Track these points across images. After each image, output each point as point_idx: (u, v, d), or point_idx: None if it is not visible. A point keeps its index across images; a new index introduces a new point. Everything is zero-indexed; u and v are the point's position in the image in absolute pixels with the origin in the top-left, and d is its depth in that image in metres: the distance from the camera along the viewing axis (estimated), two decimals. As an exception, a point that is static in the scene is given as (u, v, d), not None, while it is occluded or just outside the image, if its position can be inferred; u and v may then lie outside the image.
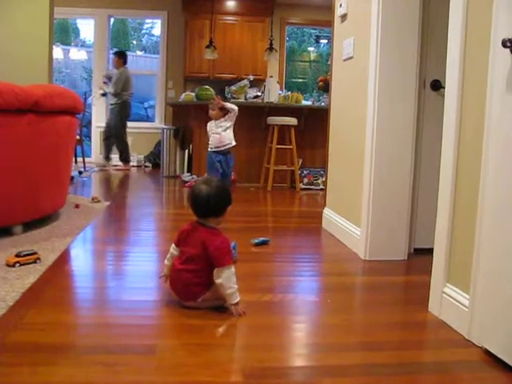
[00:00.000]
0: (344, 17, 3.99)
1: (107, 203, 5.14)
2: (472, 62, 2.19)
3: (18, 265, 2.80)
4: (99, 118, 10.11)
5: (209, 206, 2.32)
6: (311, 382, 1.78)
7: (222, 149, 5.17)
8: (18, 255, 2.86)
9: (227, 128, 5.20)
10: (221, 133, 5.22)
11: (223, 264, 2.24)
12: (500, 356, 1.88)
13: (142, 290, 2.63)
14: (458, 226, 2.27)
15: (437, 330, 2.23)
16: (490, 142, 1.98)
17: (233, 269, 2.26)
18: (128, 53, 12.07)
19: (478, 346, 2.03)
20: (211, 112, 5.10)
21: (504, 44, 1.82)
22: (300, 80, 12.15)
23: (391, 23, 3.22)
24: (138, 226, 4.43)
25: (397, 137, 3.30)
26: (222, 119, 5.22)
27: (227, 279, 2.23)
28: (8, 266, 2.80)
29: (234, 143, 5.17)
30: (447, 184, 2.31)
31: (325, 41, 12.24)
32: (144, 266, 3.13)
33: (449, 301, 2.27)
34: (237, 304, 2.25)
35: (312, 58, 12.74)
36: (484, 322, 2.00)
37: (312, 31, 12.44)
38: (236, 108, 5.07)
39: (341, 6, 4.00)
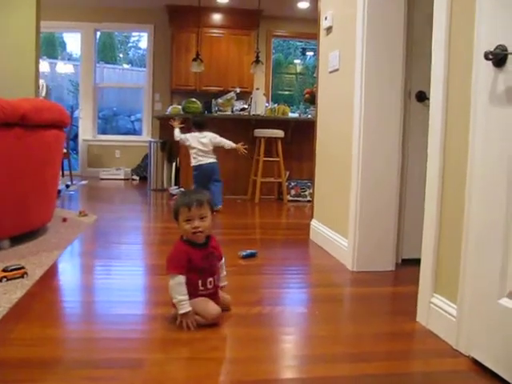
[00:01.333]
0: (329, 29, 4.02)
1: (95, 217, 5.12)
2: (456, 74, 2.21)
3: (4, 280, 2.78)
4: (86, 131, 10.10)
5: None
6: (300, 393, 1.78)
7: None
8: (4, 270, 2.84)
9: None
10: None
11: (167, 272, 2.28)
12: (487, 365, 1.90)
13: (129, 303, 2.63)
14: (445, 236, 2.29)
15: (424, 340, 2.24)
16: (476, 153, 2.00)
17: (177, 279, 2.23)
18: (115, 66, 12.12)
19: (465, 356, 2.04)
20: None
21: (486, 56, 1.84)
22: (286, 92, 12.20)
23: (376, 35, 3.26)
24: (126, 239, 4.41)
25: (383, 148, 3.32)
26: None
27: (170, 288, 2.25)
28: (-5, 280, 2.78)
29: None
30: (433, 194, 2.33)
31: (311, 53, 12.32)
32: (132, 279, 3.12)
33: (436, 311, 2.28)
34: (183, 315, 2.22)
35: (298, 71, 12.80)
36: (471, 331, 2.02)
37: (298, 44, 12.52)
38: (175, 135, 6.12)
39: (326, 18, 4.03)
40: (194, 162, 5.96)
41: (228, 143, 6.06)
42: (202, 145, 5.91)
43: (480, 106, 1.97)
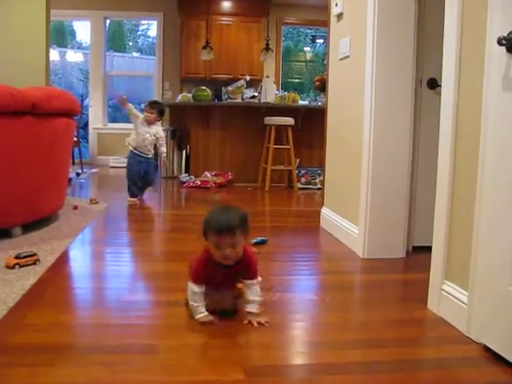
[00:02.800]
0: (340, 16, 4.00)
1: (105, 204, 5.14)
2: (468, 60, 2.20)
3: (17, 266, 2.81)
4: (96, 119, 10.12)
5: None
6: (311, 379, 1.79)
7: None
8: (17, 257, 2.86)
9: None
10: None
11: (189, 276, 2.21)
12: (498, 352, 1.90)
13: (140, 290, 2.65)
14: (456, 223, 2.28)
15: (435, 327, 2.24)
16: (487, 140, 1.99)
17: (196, 288, 2.15)
18: (124, 54, 12.11)
19: (476, 342, 2.04)
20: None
21: (499, 42, 1.83)
22: (296, 80, 12.16)
23: (387, 22, 3.23)
24: (137, 226, 4.43)
25: (394, 135, 3.31)
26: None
27: (189, 292, 2.19)
28: (8, 267, 2.80)
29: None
30: (444, 181, 2.32)
31: (321, 40, 12.27)
32: (143, 266, 3.14)
33: (447, 298, 2.28)
34: (199, 319, 2.16)
35: (308, 58, 12.75)
36: (482, 318, 2.01)
37: (308, 31, 12.47)
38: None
39: (336, 5, 4.00)
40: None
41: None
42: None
43: (492, 92, 1.95)
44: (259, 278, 2.25)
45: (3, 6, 5.64)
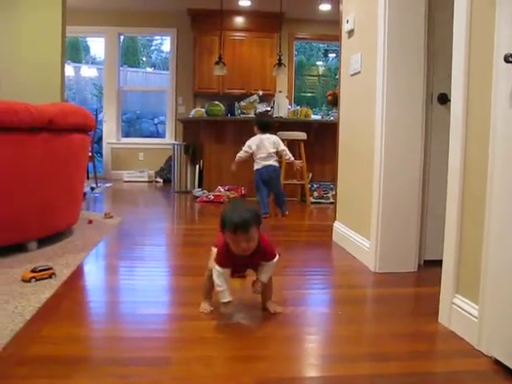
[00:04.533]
0: (351, 32, 4.04)
1: (119, 219, 5.19)
2: (476, 77, 2.22)
3: (33, 280, 2.85)
4: (110, 134, 10.22)
5: None
6: (323, 392, 1.81)
7: None
8: (33, 271, 2.90)
9: None
10: None
11: (215, 259, 2.36)
12: (509, 365, 1.90)
13: (154, 303, 2.67)
14: (467, 237, 2.30)
15: (446, 341, 2.25)
16: (496, 155, 2.01)
17: (221, 270, 2.31)
18: (138, 69, 12.22)
19: (487, 356, 2.04)
20: None
21: (506, 59, 1.85)
22: (309, 94, 12.21)
23: (397, 38, 3.27)
24: (151, 241, 4.46)
25: (405, 150, 3.33)
26: None
27: (214, 276, 2.33)
28: (24, 281, 2.84)
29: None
30: (454, 196, 2.34)
31: (333, 55, 12.33)
32: (156, 280, 3.16)
33: (458, 311, 2.29)
34: (225, 304, 2.32)
35: (321, 72, 12.80)
36: (493, 331, 2.02)
37: (320, 45, 12.53)
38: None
39: (348, 21, 4.05)
40: (255, 166, 5.80)
41: (289, 155, 5.95)
42: (263, 147, 5.72)
43: (500, 108, 1.98)
44: (276, 257, 2.48)
45: (20, 24, 5.75)
